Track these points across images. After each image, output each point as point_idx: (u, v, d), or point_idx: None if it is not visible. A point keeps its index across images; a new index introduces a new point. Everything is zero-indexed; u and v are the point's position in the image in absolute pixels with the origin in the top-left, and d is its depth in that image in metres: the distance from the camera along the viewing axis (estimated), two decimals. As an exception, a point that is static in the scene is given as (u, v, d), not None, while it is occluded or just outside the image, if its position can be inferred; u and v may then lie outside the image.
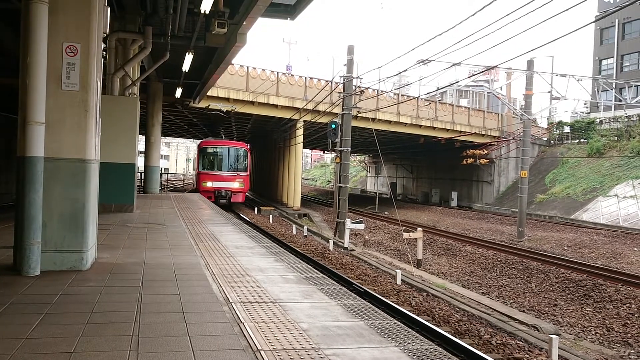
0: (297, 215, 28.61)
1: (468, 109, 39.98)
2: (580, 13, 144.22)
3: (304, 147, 42.90)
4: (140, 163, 23.61)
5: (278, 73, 29.55)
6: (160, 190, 25.63)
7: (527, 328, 9.44)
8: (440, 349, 3.74)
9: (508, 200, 36.54)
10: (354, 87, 21.94)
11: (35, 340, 3.49)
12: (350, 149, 21.84)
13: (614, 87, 32.25)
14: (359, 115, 28.80)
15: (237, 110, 27.68)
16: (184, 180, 42.14)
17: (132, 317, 4.09)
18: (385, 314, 4.66)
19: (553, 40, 11.35)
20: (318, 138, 33.93)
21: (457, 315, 9.46)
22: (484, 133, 38.47)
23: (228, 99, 27.51)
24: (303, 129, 30.45)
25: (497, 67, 20.81)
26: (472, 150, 37.99)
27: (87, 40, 5.73)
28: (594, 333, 10.32)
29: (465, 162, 38.34)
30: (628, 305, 11.56)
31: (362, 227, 19.74)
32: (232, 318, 4.19)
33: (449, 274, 16.17)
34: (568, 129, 40.97)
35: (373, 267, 14.73)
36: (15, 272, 5.38)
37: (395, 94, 35.19)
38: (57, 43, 5.58)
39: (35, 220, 5.36)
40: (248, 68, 28.38)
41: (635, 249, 19.09)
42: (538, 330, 9.41)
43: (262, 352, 3.43)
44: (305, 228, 21.34)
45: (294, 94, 29.67)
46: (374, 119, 31.83)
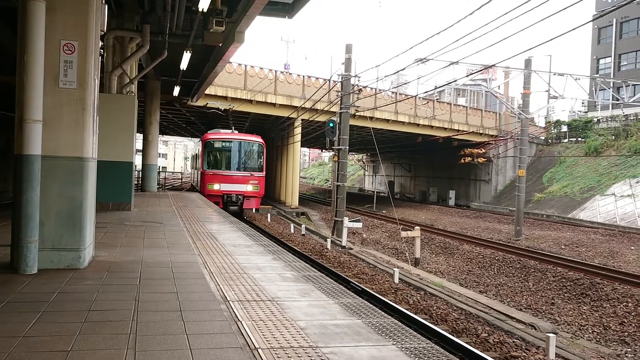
0: (295, 214, 28.60)
1: (466, 108, 40.02)
2: (578, 12, 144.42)
3: (302, 145, 42.88)
4: (138, 161, 23.58)
5: (276, 71, 29.54)
6: (158, 189, 25.60)
7: (524, 327, 9.46)
8: (438, 348, 3.75)
9: (505, 199, 36.59)
10: (352, 85, 21.94)
11: (33, 339, 3.49)
12: (348, 148, 21.84)
13: (612, 86, 32.29)
14: (357, 114, 28.79)
15: (234, 109, 27.65)
16: (182, 179, 42.06)
17: (129, 315, 4.09)
18: (383, 313, 4.66)
19: (551, 39, 11.38)
20: (316, 137, 33.92)
21: (454, 314, 9.47)
22: (482, 132, 38.51)
23: (226, 98, 27.47)
24: (301, 128, 30.44)
25: (495, 66, 20.80)
26: (469, 149, 38.03)
27: (84, 38, 5.72)
28: (591, 332, 10.34)
29: (463, 160, 38.37)
30: (625, 304, 11.59)
31: (359, 225, 19.75)
32: (229, 316, 4.19)
33: (447, 273, 16.19)
34: (566, 128, 41.03)
35: (371, 265, 14.74)
36: (13, 270, 5.37)
37: (393, 93, 35.19)
38: (54, 41, 5.56)
39: (33, 219, 5.35)
40: (246, 66, 28.35)
41: (632, 248, 19.13)
42: (535, 329, 9.42)
43: (259, 350, 3.44)
44: (303, 227, 21.34)
45: (292, 93, 29.65)
46: (372, 118, 31.85)
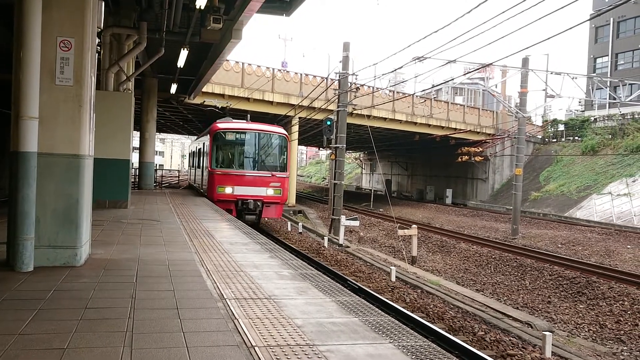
0: (292, 212, 28.58)
1: (463, 107, 40.06)
2: (576, 11, 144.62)
3: (299, 143, 42.83)
4: (135, 159, 23.53)
5: (274, 69, 29.50)
6: (155, 187, 25.54)
7: (521, 325, 9.48)
8: (435, 346, 3.75)
9: (502, 198, 36.65)
10: (350, 84, 21.93)
11: (29, 336, 3.48)
12: (346, 146, 21.83)
13: (609, 85, 32.33)
14: (355, 112, 28.78)
15: (232, 107, 27.59)
16: (179, 177, 42.00)
17: (126, 313, 4.08)
18: (380, 311, 4.66)
19: (548, 38, 11.39)
20: (313, 135, 33.89)
21: (451, 312, 9.49)
22: (479, 130, 38.55)
23: (223, 95, 27.42)
24: (298, 126, 30.41)
25: (492, 64, 20.81)
26: (467, 148, 38.08)
27: (81, 35, 5.70)
28: (587, 330, 10.37)
29: (460, 159, 38.42)
30: (621, 303, 11.62)
31: (357, 224, 19.76)
32: (226, 314, 4.18)
33: (444, 271, 16.21)
34: (562, 127, 41.11)
35: (368, 263, 14.74)
36: (9, 267, 5.36)
37: (391, 91, 35.21)
38: (50, 38, 5.54)
39: (29, 216, 5.33)
40: (243, 64, 28.31)
41: (629, 247, 19.19)
42: (532, 327, 9.45)
43: (256, 348, 3.43)
44: (300, 225, 21.34)
45: (290, 91, 29.62)
46: (370, 116, 31.84)
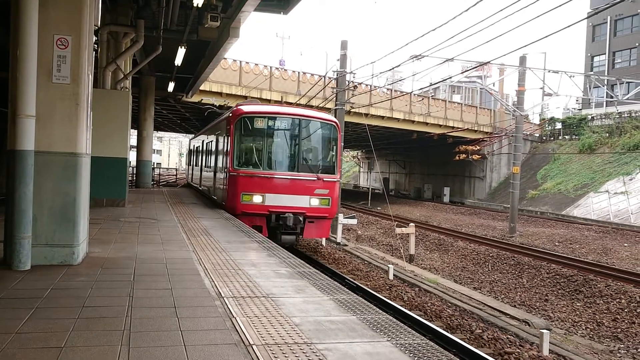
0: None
1: (461, 105, 40.08)
2: (573, 10, 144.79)
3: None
4: (133, 157, 23.51)
5: (271, 68, 29.46)
6: (153, 185, 25.52)
7: (518, 323, 9.50)
8: (432, 344, 3.75)
9: (500, 196, 36.70)
10: (347, 82, 21.92)
11: (26, 335, 3.47)
12: (344, 145, 21.82)
13: (606, 83, 32.41)
14: (352, 111, 28.78)
15: (229, 105, 27.59)
16: (177, 175, 41.93)
17: (123, 311, 4.07)
18: (378, 309, 4.66)
19: (545, 37, 11.38)
20: (311, 133, 33.84)
21: (449, 310, 9.50)
22: (477, 129, 38.58)
23: (221, 94, 27.37)
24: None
25: (489, 63, 20.84)
26: (464, 146, 38.11)
27: (78, 33, 5.68)
28: (585, 328, 10.40)
29: (458, 157, 38.45)
30: (618, 301, 11.65)
31: (354, 222, 19.76)
32: (224, 313, 4.18)
33: (441, 269, 16.23)
34: (560, 125, 41.17)
35: (365, 262, 14.75)
36: (6, 266, 5.34)
37: (389, 90, 35.19)
38: (47, 35, 5.52)
39: (26, 215, 5.31)
40: (241, 62, 28.26)
41: (626, 245, 19.23)
42: (529, 325, 9.47)
43: (254, 346, 3.43)
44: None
45: (287, 89, 29.59)
46: (367, 115, 31.83)
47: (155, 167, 42.81)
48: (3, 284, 4.74)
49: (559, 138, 40.03)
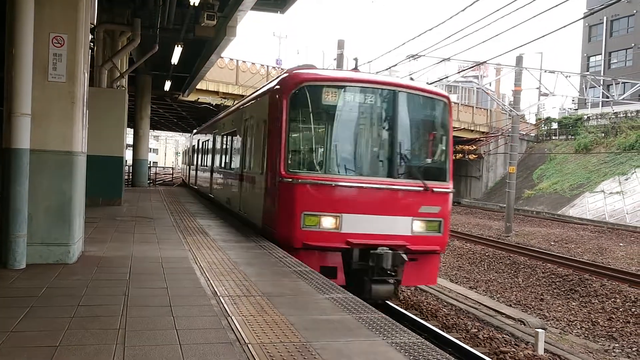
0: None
1: (457, 105, 40.16)
2: (569, 10, 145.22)
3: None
4: (129, 156, 23.46)
5: (268, 67, 29.49)
6: (149, 184, 25.47)
7: (513, 322, 9.52)
8: (428, 343, 3.76)
9: (496, 196, 36.79)
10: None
11: (20, 334, 3.46)
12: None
13: (602, 83, 32.53)
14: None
15: (226, 104, 27.59)
16: (173, 174, 41.88)
17: (119, 310, 4.07)
18: (373, 308, 4.67)
19: (542, 37, 11.42)
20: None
21: (444, 310, 9.52)
22: (473, 128, 38.68)
23: (217, 93, 27.37)
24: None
25: (486, 62, 20.89)
26: (460, 146, 38.19)
27: (74, 31, 5.67)
28: (580, 327, 10.43)
29: (454, 157, 38.52)
30: (613, 300, 11.69)
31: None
32: (219, 312, 4.18)
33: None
34: (556, 125, 41.29)
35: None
36: (1, 265, 5.32)
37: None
38: (43, 34, 5.50)
39: (21, 213, 5.30)
40: (238, 61, 28.26)
41: (621, 244, 19.30)
42: (524, 325, 9.49)
43: (249, 345, 3.43)
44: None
45: (284, 88, 29.57)
46: (364, 114, 31.78)
47: (152, 166, 42.73)
48: (-2, 283, 4.73)
49: (555, 138, 40.16)
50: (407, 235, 7.65)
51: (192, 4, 11.68)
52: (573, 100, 47.36)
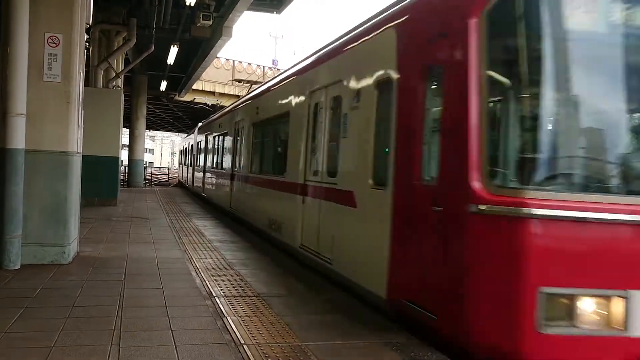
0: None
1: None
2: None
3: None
4: (124, 156, 23.43)
5: (264, 67, 29.48)
6: (145, 184, 25.42)
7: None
8: (424, 343, 3.76)
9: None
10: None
11: (15, 335, 3.45)
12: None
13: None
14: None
15: (222, 104, 27.57)
16: (169, 174, 41.76)
17: (114, 311, 4.06)
18: (368, 309, 4.67)
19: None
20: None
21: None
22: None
23: (213, 93, 27.37)
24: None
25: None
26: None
27: (69, 31, 5.66)
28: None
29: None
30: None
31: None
32: (215, 312, 4.17)
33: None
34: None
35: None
36: (-5, 265, 5.31)
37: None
38: (38, 33, 5.49)
39: (16, 214, 5.28)
40: (234, 62, 28.27)
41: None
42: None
43: (245, 346, 3.42)
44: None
45: (280, 89, 29.60)
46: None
47: (148, 166, 42.61)
48: (-8, 284, 4.72)
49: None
50: None
51: (188, 4, 11.68)
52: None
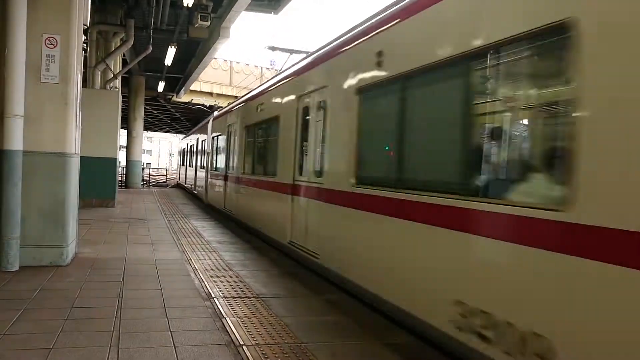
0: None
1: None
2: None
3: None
4: (122, 157, 23.39)
5: (262, 68, 29.44)
6: (143, 185, 25.39)
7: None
8: (423, 343, 3.77)
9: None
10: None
11: (14, 336, 3.44)
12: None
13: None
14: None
15: (220, 105, 27.56)
16: (167, 175, 41.72)
17: (112, 312, 4.05)
18: (368, 309, 4.67)
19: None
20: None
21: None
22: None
23: (211, 94, 27.34)
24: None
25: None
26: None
27: (67, 32, 5.65)
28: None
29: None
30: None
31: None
32: (214, 313, 4.17)
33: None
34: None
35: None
36: (-7, 267, 5.30)
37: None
38: (36, 35, 5.48)
39: (14, 215, 5.27)
40: (231, 62, 28.25)
41: None
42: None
43: (244, 347, 3.42)
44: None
45: (278, 89, 29.58)
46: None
47: (145, 167, 42.58)
48: (-9, 285, 4.70)
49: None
50: None
51: (185, 5, 11.67)
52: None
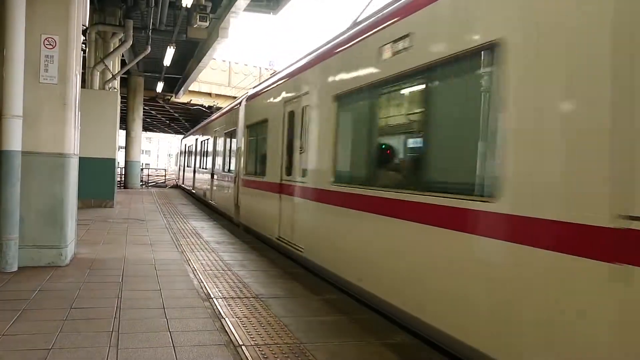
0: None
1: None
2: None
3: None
4: (121, 158, 23.38)
5: (260, 68, 29.46)
6: (142, 186, 25.38)
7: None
8: (422, 343, 3.77)
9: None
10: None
11: (13, 337, 3.44)
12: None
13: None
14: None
15: (219, 106, 27.54)
16: (166, 176, 41.74)
17: (111, 313, 4.05)
18: (368, 309, 4.68)
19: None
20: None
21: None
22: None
23: (210, 94, 27.34)
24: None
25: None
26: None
27: (65, 33, 5.65)
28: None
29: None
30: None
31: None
32: (213, 313, 4.17)
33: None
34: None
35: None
36: (-8, 268, 5.29)
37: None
38: (35, 35, 5.48)
39: (13, 216, 5.27)
40: (230, 63, 28.24)
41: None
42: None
43: (243, 347, 3.42)
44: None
45: (277, 90, 29.57)
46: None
47: (144, 167, 42.60)
48: (-11, 286, 4.70)
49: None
50: None
51: (184, 6, 11.68)
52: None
